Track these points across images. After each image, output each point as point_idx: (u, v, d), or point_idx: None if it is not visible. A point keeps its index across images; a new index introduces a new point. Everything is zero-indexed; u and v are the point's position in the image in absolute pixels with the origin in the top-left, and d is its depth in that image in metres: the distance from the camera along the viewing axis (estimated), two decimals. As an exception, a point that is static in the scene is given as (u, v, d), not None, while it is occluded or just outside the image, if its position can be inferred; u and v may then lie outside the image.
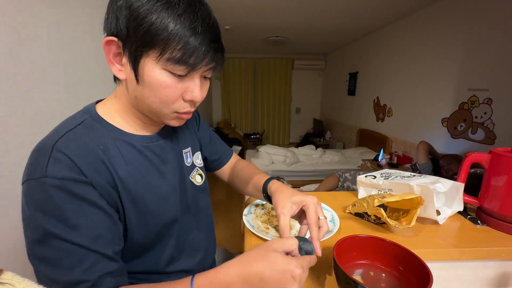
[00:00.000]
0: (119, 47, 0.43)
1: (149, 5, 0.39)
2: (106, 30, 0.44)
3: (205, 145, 0.72)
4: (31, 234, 0.39)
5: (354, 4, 2.49)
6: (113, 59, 0.44)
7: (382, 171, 0.91)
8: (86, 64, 1.30)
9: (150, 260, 0.53)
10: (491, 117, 1.91)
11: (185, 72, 0.43)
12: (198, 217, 0.64)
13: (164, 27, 0.39)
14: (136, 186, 0.48)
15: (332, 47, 4.70)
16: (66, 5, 1.16)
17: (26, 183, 0.39)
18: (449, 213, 0.75)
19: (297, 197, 0.54)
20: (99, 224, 0.41)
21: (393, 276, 0.51)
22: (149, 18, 0.39)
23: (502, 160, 0.69)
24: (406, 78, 2.83)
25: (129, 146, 0.49)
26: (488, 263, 0.65)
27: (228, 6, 2.62)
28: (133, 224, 0.48)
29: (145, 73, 0.42)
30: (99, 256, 0.40)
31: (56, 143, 0.41)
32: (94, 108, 0.49)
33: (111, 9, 0.42)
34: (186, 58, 0.41)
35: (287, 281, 0.37)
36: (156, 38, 0.39)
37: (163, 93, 0.44)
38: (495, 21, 1.86)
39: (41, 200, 0.38)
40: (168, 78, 0.43)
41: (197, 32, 0.40)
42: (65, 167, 0.39)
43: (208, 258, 0.67)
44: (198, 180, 0.65)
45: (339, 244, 0.50)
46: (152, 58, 0.41)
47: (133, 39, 0.40)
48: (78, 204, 0.39)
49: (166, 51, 0.40)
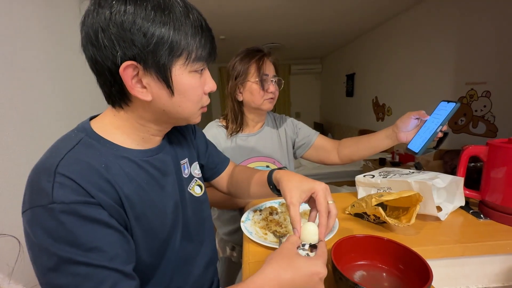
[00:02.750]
0: (136, 69, 0.41)
1: (159, 19, 0.40)
2: (108, 60, 0.41)
3: (201, 153, 0.71)
4: (44, 263, 0.37)
5: (346, 6, 2.52)
6: (133, 84, 0.42)
7: (380, 169, 0.90)
8: (82, 65, 1.32)
9: (156, 279, 0.52)
10: (491, 110, 1.89)
11: (204, 66, 0.47)
12: (199, 229, 0.63)
13: (180, 32, 0.41)
14: (141, 203, 0.47)
15: (327, 50, 4.73)
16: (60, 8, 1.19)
17: (30, 210, 0.38)
18: (451, 208, 0.74)
19: (306, 184, 0.54)
20: (114, 244, 0.40)
21: (394, 275, 0.49)
22: (165, 30, 0.40)
23: (500, 151, 0.68)
24: (403, 76, 2.83)
25: (130, 162, 0.48)
26: (494, 258, 0.63)
27: (221, 17, 2.66)
28: (138, 242, 0.47)
29: (178, 82, 0.44)
30: (119, 275, 0.39)
31: (57, 167, 0.39)
32: (89, 125, 0.47)
33: (113, 35, 0.39)
34: (203, 53, 0.45)
35: (315, 284, 0.40)
36: (178, 45, 0.41)
37: (195, 94, 0.47)
38: (488, 13, 1.86)
39: (51, 227, 0.36)
40: (195, 78, 0.46)
41: (201, 27, 0.44)
42: (72, 191, 0.38)
43: (210, 268, 0.66)
44: (197, 191, 0.64)
45: (337, 246, 0.49)
46: (180, 65, 0.43)
47: (157, 56, 0.41)
48: (91, 227, 0.38)
49: (191, 53, 0.43)
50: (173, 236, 0.54)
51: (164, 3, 0.41)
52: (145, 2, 0.40)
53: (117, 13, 0.39)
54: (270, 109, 0.97)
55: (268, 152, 1.00)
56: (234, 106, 0.98)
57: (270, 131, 1.03)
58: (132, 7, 0.39)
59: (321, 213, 0.50)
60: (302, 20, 2.88)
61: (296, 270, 0.40)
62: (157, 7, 0.40)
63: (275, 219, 0.73)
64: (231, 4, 2.35)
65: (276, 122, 1.07)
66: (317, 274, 0.40)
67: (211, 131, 0.99)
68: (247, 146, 0.98)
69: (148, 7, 0.40)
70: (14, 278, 0.77)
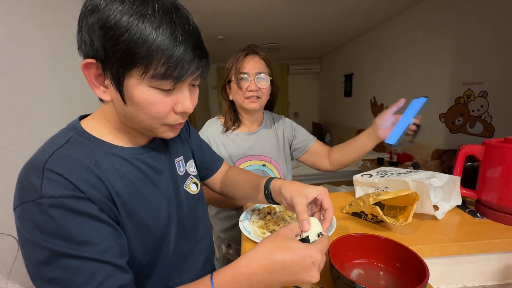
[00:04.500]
0: (99, 68, 0.41)
1: (123, 22, 0.36)
2: (82, 52, 0.41)
3: (196, 153, 0.71)
4: (35, 257, 0.37)
5: (345, 7, 2.53)
6: (95, 81, 0.42)
7: (378, 169, 0.90)
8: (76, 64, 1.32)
9: (154, 278, 0.52)
10: (488, 110, 1.90)
11: (172, 86, 0.41)
12: (196, 227, 0.63)
13: (142, 43, 0.37)
14: (132, 200, 0.47)
15: (326, 50, 4.75)
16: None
17: (21, 206, 0.38)
18: (447, 207, 0.74)
19: (311, 188, 0.56)
20: (105, 237, 0.40)
21: (391, 273, 0.50)
22: (125, 37, 0.36)
23: (496, 151, 0.68)
24: (401, 77, 2.84)
25: (121, 159, 0.48)
26: (490, 256, 0.64)
27: (220, 17, 2.66)
28: (132, 239, 0.46)
29: (131, 93, 0.41)
30: (111, 268, 0.39)
31: (46, 163, 0.39)
32: (79, 124, 0.48)
33: (83, 29, 0.39)
34: (171, 72, 0.39)
35: (307, 266, 0.39)
36: (137, 56, 0.37)
37: (154, 110, 0.42)
38: (485, 14, 1.87)
39: (41, 221, 0.36)
40: (156, 94, 0.41)
41: (179, 42, 0.38)
42: (60, 186, 0.38)
43: (207, 266, 0.67)
44: (193, 189, 0.64)
45: (334, 244, 0.50)
46: (136, 77, 0.39)
47: (113, 60, 0.38)
48: (81, 220, 0.38)
49: (149, 68, 0.38)
50: (168, 234, 0.54)
51: (141, 6, 0.37)
52: (121, 1, 0.37)
53: (91, 6, 0.38)
54: (255, 108, 0.92)
55: (264, 152, 1.00)
56: (227, 105, 0.99)
57: (267, 131, 1.04)
58: (104, 3, 0.37)
59: (329, 210, 0.53)
60: (301, 21, 2.89)
61: (288, 251, 0.39)
62: (128, 9, 0.37)
63: (273, 218, 0.73)
64: (229, 4, 2.36)
65: (274, 122, 1.08)
66: (309, 257, 0.39)
67: (211, 128, 1.00)
68: (244, 144, 0.98)
69: (118, 6, 0.37)
70: (12, 278, 0.76)
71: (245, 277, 0.39)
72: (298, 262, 0.39)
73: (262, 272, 0.39)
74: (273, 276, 0.39)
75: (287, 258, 0.39)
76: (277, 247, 0.40)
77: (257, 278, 0.39)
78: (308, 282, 0.40)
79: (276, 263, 0.39)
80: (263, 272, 0.39)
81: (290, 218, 0.74)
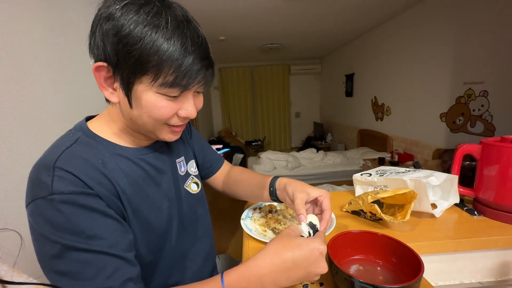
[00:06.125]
0: (109, 72, 0.43)
1: (137, 31, 0.38)
2: (93, 55, 0.43)
3: (197, 153, 0.73)
4: (47, 251, 0.39)
5: (346, 7, 2.54)
6: (104, 83, 0.44)
7: (377, 168, 0.92)
8: (80, 65, 1.34)
9: (156, 276, 0.54)
10: (489, 109, 1.91)
11: (179, 93, 0.44)
12: (196, 226, 0.65)
13: (154, 52, 0.39)
14: (136, 198, 0.49)
15: (327, 50, 4.75)
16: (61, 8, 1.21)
17: (33, 203, 0.39)
18: (445, 206, 0.75)
19: (313, 189, 0.58)
20: (113, 232, 0.42)
21: (388, 268, 0.51)
22: (138, 45, 0.38)
23: (493, 149, 0.69)
24: (402, 76, 2.85)
25: (125, 159, 0.50)
26: (486, 253, 0.65)
27: (221, 18, 2.68)
28: (137, 235, 0.49)
29: (139, 98, 0.43)
30: (120, 260, 0.41)
31: (56, 162, 0.41)
32: (86, 125, 0.50)
33: (97, 34, 0.41)
34: (179, 80, 0.41)
35: (317, 258, 0.42)
36: (148, 64, 0.39)
37: (158, 113, 0.45)
38: (486, 14, 1.88)
39: (52, 217, 0.38)
40: (163, 100, 0.43)
41: (188, 53, 0.40)
42: (70, 183, 0.40)
43: (207, 265, 0.68)
44: (194, 188, 0.66)
45: (333, 241, 0.51)
46: (145, 83, 0.41)
47: (124, 66, 0.40)
48: (90, 216, 0.40)
49: (159, 76, 0.40)
50: (169, 231, 0.56)
51: (155, 17, 0.39)
52: (136, 11, 0.39)
53: (106, 13, 0.40)
54: None
55: None
56: None
57: None
58: (120, 12, 0.39)
59: (327, 211, 0.56)
60: (302, 21, 2.90)
61: (296, 247, 0.42)
62: (142, 20, 0.39)
63: (274, 216, 0.75)
64: (231, 5, 2.37)
65: None
66: (317, 249, 0.42)
67: None
68: None
69: (133, 16, 0.39)
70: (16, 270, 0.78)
71: (256, 278, 0.41)
72: (308, 256, 0.41)
73: (273, 273, 0.41)
74: (285, 275, 0.41)
75: (296, 254, 0.41)
76: (285, 245, 0.43)
77: (267, 278, 0.41)
78: (319, 273, 0.42)
79: (286, 261, 0.41)
80: (274, 273, 0.41)
81: (291, 216, 0.76)
